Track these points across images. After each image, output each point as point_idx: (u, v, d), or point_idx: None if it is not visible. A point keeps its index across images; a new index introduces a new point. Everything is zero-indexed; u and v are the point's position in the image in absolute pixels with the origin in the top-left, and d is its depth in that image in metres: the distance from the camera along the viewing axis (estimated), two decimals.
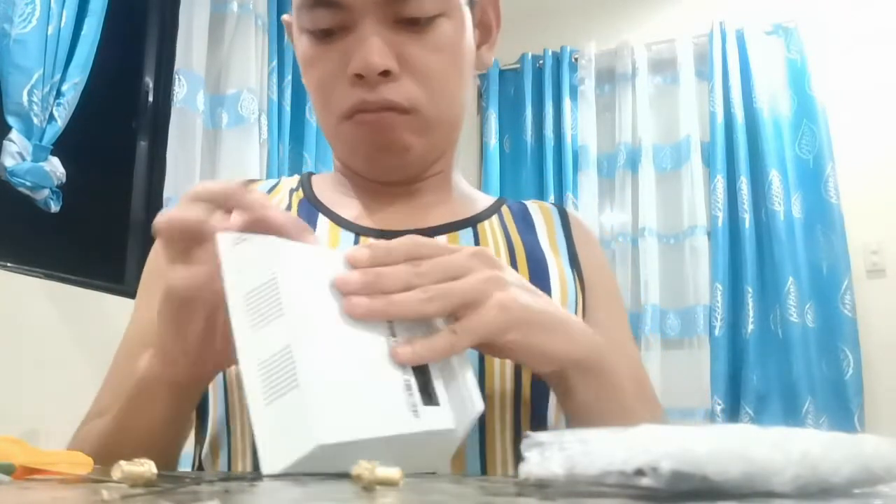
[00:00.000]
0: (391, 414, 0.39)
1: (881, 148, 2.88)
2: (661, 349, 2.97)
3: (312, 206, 0.71)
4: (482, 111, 3.46)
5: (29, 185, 1.73)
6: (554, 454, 0.29)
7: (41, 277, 1.84)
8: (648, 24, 3.31)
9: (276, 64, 2.52)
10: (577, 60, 3.36)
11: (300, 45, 0.66)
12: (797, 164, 2.95)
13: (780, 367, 2.80)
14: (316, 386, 0.36)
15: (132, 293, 0.71)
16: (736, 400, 2.87)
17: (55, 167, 1.77)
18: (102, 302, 1.95)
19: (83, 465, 0.38)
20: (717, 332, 2.90)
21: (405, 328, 0.44)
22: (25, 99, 1.70)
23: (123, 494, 0.27)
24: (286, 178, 0.78)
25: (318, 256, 0.43)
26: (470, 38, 0.68)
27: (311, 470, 0.36)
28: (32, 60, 1.71)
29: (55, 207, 1.82)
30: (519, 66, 3.42)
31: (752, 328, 2.87)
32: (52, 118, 1.77)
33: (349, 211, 0.70)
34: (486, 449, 0.61)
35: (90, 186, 2.13)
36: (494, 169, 3.34)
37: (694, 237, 3.02)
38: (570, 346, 0.51)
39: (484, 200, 0.77)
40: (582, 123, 3.27)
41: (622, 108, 3.26)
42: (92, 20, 1.89)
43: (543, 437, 0.30)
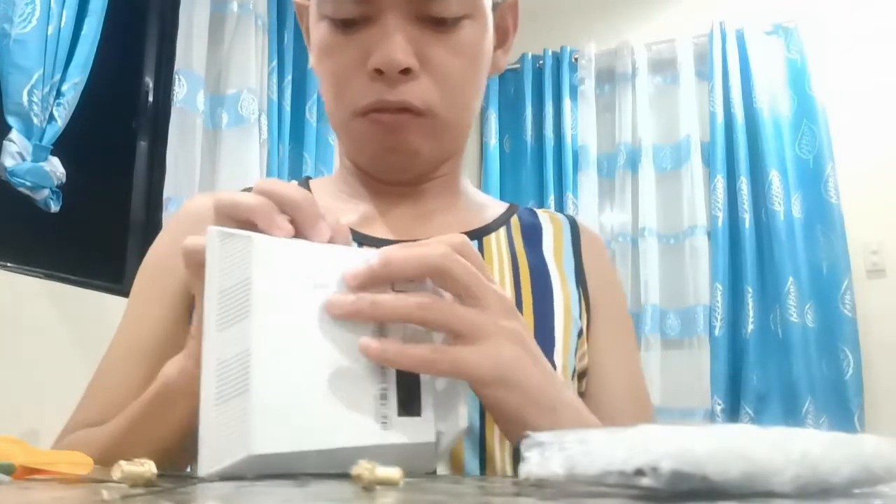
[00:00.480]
0: (348, 425, 0.38)
1: (881, 148, 2.88)
2: (661, 349, 2.97)
3: None
4: (482, 111, 3.46)
5: (29, 185, 1.73)
6: (554, 454, 0.28)
7: (41, 277, 1.84)
8: (648, 24, 3.31)
9: (276, 64, 2.52)
10: (577, 60, 3.36)
11: (318, 31, 0.64)
12: (797, 164, 2.95)
13: (780, 367, 2.80)
14: (264, 393, 0.36)
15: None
16: (736, 400, 2.87)
17: (55, 167, 1.77)
18: (102, 302, 1.95)
19: (83, 465, 0.38)
20: (717, 332, 2.90)
21: (399, 330, 0.42)
22: (25, 99, 1.70)
23: (123, 494, 0.27)
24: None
25: (313, 257, 0.42)
26: (490, 41, 0.67)
27: (256, 474, 0.35)
28: (32, 60, 1.71)
29: (55, 207, 1.82)
30: (519, 65, 3.42)
31: (752, 328, 2.87)
32: (52, 118, 1.77)
33: (350, 218, 0.68)
34: (485, 465, 0.58)
35: (90, 186, 2.13)
36: (494, 169, 3.34)
37: (694, 237, 3.02)
38: (553, 424, 0.47)
39: (494, 208, 0.75)
40: (582, 123, 3.27)
41: (622, 108, 3.26)
42: (92, 20, 1.89)
43: (543, 437, 0.30)
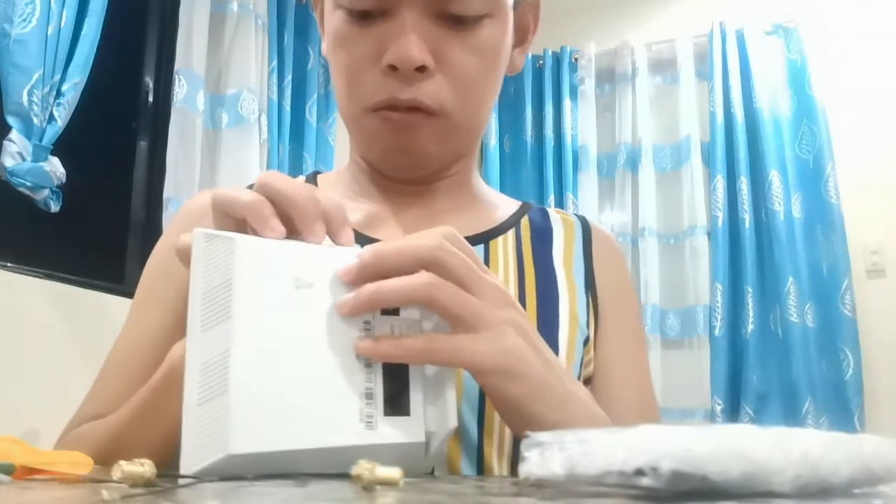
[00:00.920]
0: (330, 424, 0.38)
1: (881, 148, 2.88)
2: (661, 349, 2.97)
3: None
4: None
5: (29, 185, 1.73)
6: (554, 454, 0.28)
7: (41, 277, 1.84)
8: (648, 24, 3.31)
9: (276, 64, 2.52)
10: (577, 60, 3.36)
11: (333, 19, 0.62)
12: (797, 164, 2.95)
13: (780, 367, 2.80)
14: (243, 393, 0.37)
15: (132, 293, 0.70)
16: (736, 400, 2.87)
17: (55, 167, 1.77)
18: (102, 302, 1.95)
19: (83, 465, 0.38)
20: (717, 332, 2.90)
21: (386, 326, 0.42)
22: (25, 99, 1.70)
23: (123, 494, 0.27)
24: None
25: (298, 257, 0.42)
26: (509, 41, 0.66)
27: (239, 473, 0.35)
28: (32, 60, 1.71)
29: (55, 207, 1.82)
30: None
31: (752, 328, 2.87)
32: (52, 118, 1.77)
33: (356, 216, 0.67)
34: (483, 467, 0.58)
35: (90, 186, 2.13)
36: (494, 169, 3.34)
37: (694, 237, 3.02)
38: (556, 415, 0.46)
39: (506, 208, 0.73)
40: (582, 123, 3.27)
41: (622, 108, 3.26)
42: (92, 20, 1.89)
43: (543, 437, 0.30)
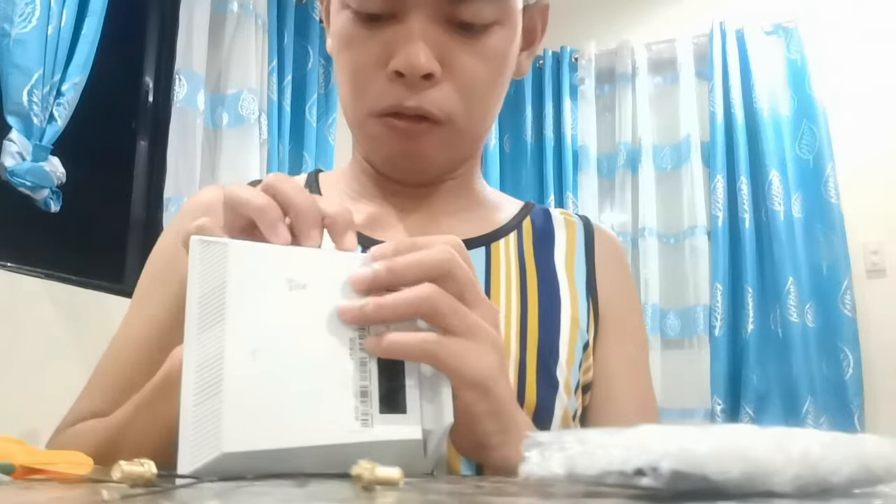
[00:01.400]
0: (325, 423, 0.39)
1: (881, 148, 2.88)
2: (661, 349, 2.97)
3: None
4: None
5: (29, 185, 1.73)
6: (554, 454, 0.28)
7: (41, 277, 1.84)
8: (648, 24, 3.30)
9: (276, 64, 2.52)
10: (577, 60, 3.36)
11: (340, 19, 0.62)
12: (797, 164, 2.95)
13: (780, 367, 2.80)
14: (236, 394, 0.38)
15: (132, 293, 0.69)
16: (736, 400, 2.87)
17: (55, 167, 1.77)
18: (102, 302, 1.95)
19: (83, 465, 0.38)
20: (717, 332, 2.90)
21: (381, 326, 0.43)
22: (25, 99, 1.70)
23: (123, 494, 0.27)
24: (297, 178, 0.73)
25: (292, 260, 0.43)
26: (517, 47, 0.65)
27: (236, 473, 0.36)
28: (32, 60, 1.71)
29: (55, 207, 1.82)
30: None
31: (752, 328, 2.87)
32: (52, 118, 1.77)
33: (357, 217, 0.65)
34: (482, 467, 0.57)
35: (90, 186, 2.13)
36: (494, 169, 3.33)
37: (694, 237, 3.02)
38: (499, 443, 0.47)
39: (508, 209, 0.73)
40: (582, 123, 3.27)
41: (622, 108, 3.26)
42: (92, 20, 1.89)
43: (543, 437, 0.30)
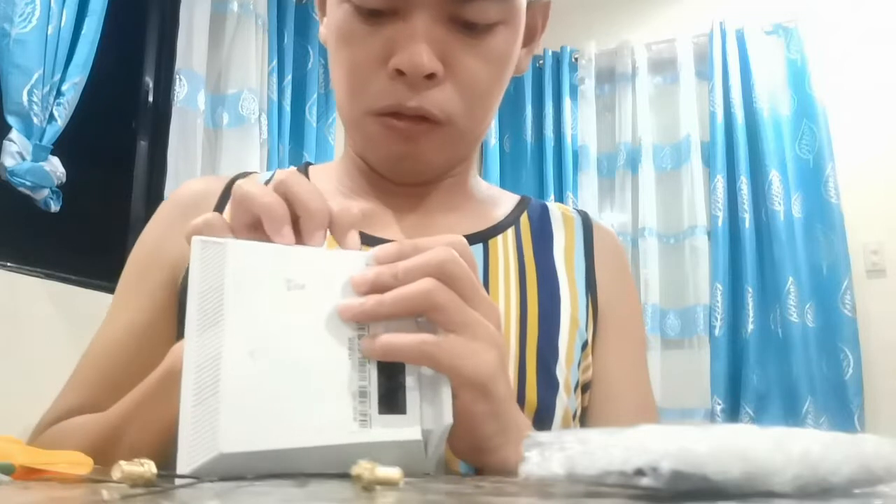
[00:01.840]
0: (323, 423, 0.39)
1: (881, 148, 2.88)
2: (661, 349, 2.97)
3: None
4: None
5: (29, 185, 1.73)
6: (554, 454, 0.28)
7: (41, 277, 1.84)
8: (648, 24, 3.31)
9: (276, 64, 2.52)
10: (577, 60, 3.36)
11: (337, 12, 0.60)
12: (797, 164, 2.95)
13: (780, 367, 2.80)
14: (234, 394, 0.38)
15: None
16: (736, 400, 2.87)
17: (55, 167, 1.77)
18: (103, 302, 1.93)
19: (83, 465, 0.38)
20: (717, 332, 2.90)
21: (380, 325, 0.42)
22: (25, 99, 1.70)
23: (123, 494, 0.27)
24: (282, 170, 0.72)
25: (291, 260, 0.42)
26: (519, 45, 0.64)
27: (235, 473, 0.36)
28: (32, 60, 1.71)
29: (55, 207, 1.82)
30: None
31: (752, 328, 2.87)
32: (52, 118, 1.77)
33: None
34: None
35: (90, 186, 2.13)
36: (494, 169, 3.34)
37: (694, 237, 3.02)
38: (501, 438, 0.46)
39: (504, 205, 0.72)
40: (582, 123, 3.27)
41: (622, 107, 3.26)
42: (92, 20, 1.89)
43: (543, 437, 0.30)
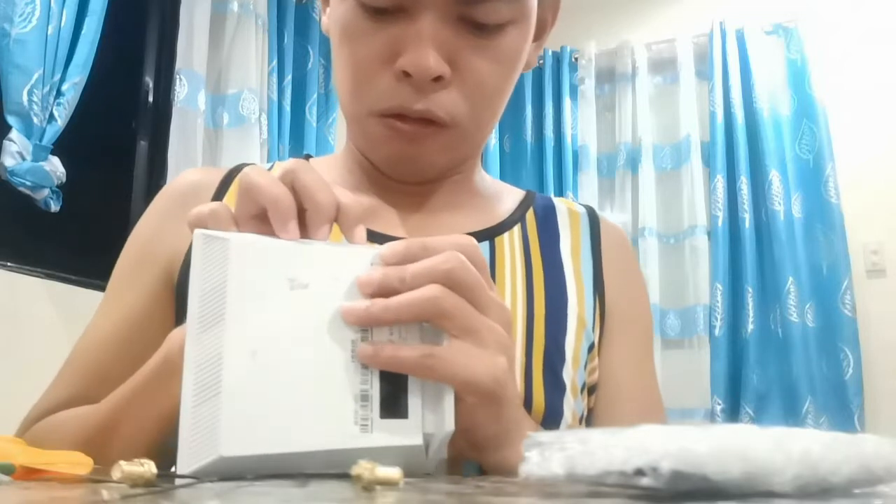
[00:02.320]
0: (323, 427, 0.38)
1: (881, 148, 2.88)
2: (661, 349, 2.97)
3: None
4: None
5: (29, 184, 1.73)
6: (554, 454, 0.28)
7: (41, 277, 1.84)
8: (648, 24, 3.30)
9: (276, 64, 2.52)
10: (577, 60, 3.36)
11: (342, 7, 0.58)
12: (797, 164, 2.95)
13: (780, 367, 2.80)
14: (235, 396, 0.37)
15: None
16: (736, 400, 2.87)
17: (55, 167, 1.77)
18: None
19: (83, 465, 0.38)
20: (717, 332, 2.90)
21: (384, 330, 0.42)
22: (25, 99, 1.70)
23: (123, 494, 0.27)
24: (282, 162, 0.71)
25: (295, 257, 0.41)
26: (529, 43, 0.62)
27: (236, 474, 0.36)
28: (32, 60, 1.71)
29: (55, 207, 1.82)
30: None
31: (752, 328, 2.87)
32: (52, 118, 1.77)
33: None
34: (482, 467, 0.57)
35: (90, 186, 2.13)
36: (494, 169, 3.33)
37: (694, 237, 3.02)
38: (507, 453, 0.46)
39: (509, 201, 0.71)
40: (582, 123, 3.27)
41: (622, 107, 3.26)
42: (92, 20, 1.89)
43: (543, 437, 0.30)
